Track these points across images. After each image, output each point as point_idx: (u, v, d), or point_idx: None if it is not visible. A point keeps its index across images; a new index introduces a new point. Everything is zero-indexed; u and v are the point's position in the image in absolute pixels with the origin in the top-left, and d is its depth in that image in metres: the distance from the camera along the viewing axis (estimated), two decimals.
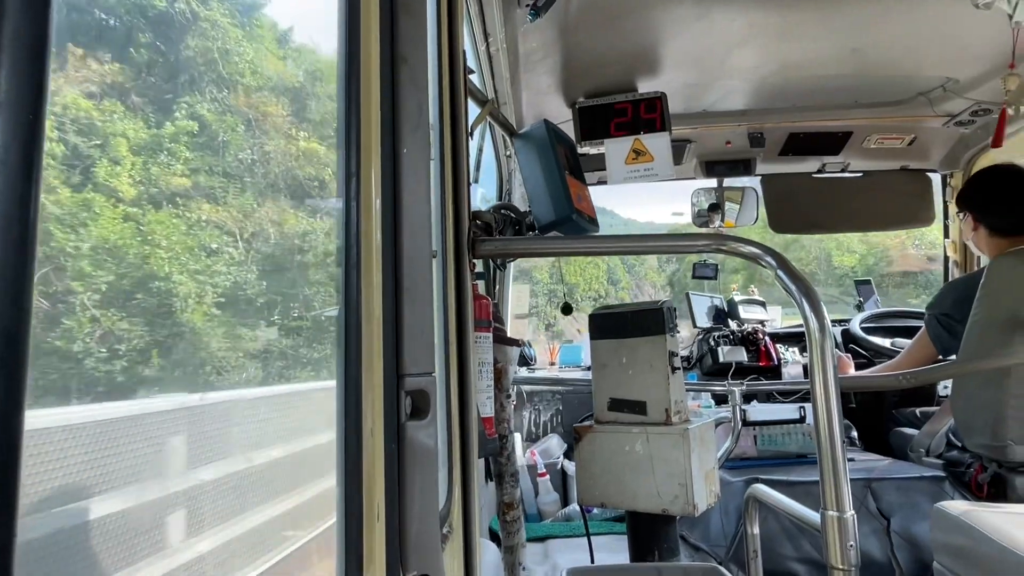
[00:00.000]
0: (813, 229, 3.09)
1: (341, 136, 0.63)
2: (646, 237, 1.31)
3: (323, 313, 1.01)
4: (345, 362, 0.60)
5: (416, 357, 0.67)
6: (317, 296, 1.09)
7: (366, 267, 0.61)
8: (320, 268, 1.13)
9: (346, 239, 0.61)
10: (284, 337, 1.02)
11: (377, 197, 0.64)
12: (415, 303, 0.68)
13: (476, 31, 1.57)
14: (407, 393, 0.66)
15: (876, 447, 2.40)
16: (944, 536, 1.55)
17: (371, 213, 0.63)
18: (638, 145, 1.94)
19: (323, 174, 1.14)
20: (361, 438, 0.59)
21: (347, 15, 0.63)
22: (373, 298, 0.62)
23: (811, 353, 1.01)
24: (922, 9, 1.64)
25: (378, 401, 0.62)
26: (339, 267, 0.62)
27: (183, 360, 0.82)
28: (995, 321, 1.83)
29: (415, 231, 0.69)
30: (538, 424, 3.01)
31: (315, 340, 1.07)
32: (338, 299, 0.62)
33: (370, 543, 0.58)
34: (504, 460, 1.31)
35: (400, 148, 0.69)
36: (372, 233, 0.62)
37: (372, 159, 0.64)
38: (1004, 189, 1.99)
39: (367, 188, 0.62)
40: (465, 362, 0.92)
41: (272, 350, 1.00)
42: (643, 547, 1.35)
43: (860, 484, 1.84)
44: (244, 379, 0.94)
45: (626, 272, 26.71)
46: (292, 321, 1.05)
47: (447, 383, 0.86)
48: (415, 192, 0.70)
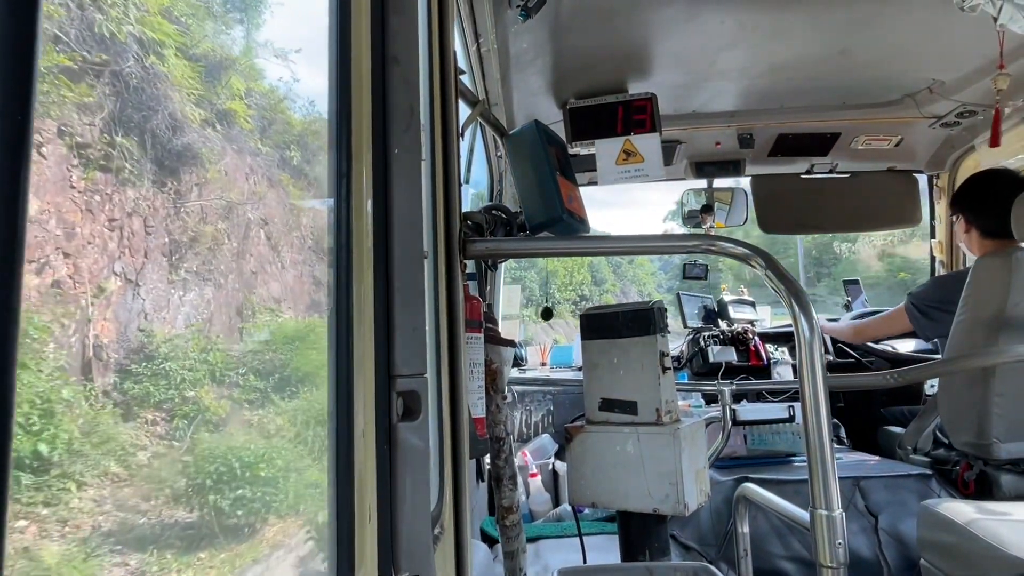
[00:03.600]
0: (802, 229, 3.12)
1: (332, 136, 0.63)
2: (636, 238, 1.32)
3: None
4: (336, 363, 0.59)
5: (407, 358, 0.67)
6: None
7: (357, 268, 0.61)
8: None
9: (337, 240, 0.61)
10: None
11: (368, 198, 0.64)
12: (406, 304, 0.68)
13: (467, 32, 1.57)
14: (398, 394, 0.66)
15: (864, 446, 2.42)
16: (931, 533, 1.57)
17: (362, 214, 0.62)
18: (628, 146, 1.94)
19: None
20: (352, 439, 0.58)
21: (338, 15, 0.63)
22: (364, 299, 0.62)
23: (800, 353, 1.02)
24: (909, 12, 1.66)
25: (369, 402, 0.62)
26: (330, 268, 0.61)
27: None
28: (980, 321, 1.85)
29: (406, 232, 0.69)
30: (529, 425, 3.01)
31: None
32: (329, 300, 0.61)
33: (361, 544, 0.58)
34: (502, 462, 1.29)
35: (391, 149, 0.69)
36: (363, 234, 0.62)
37: (363, 160, 0.63)
38: (996, 192, 2.02)
39: (358, 189, 0.62)
40: (456, 363, 0.92)
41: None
42: (634, 547, 1.36)
43: (848, 482, 1.86)
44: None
45: (611, 272, 26.72)
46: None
47: (438, 384, 0.86)
48: (406, 193, 0.70)
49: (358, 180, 0.62)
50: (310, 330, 3.63)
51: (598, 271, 25.67)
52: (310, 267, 3.99)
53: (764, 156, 2.66)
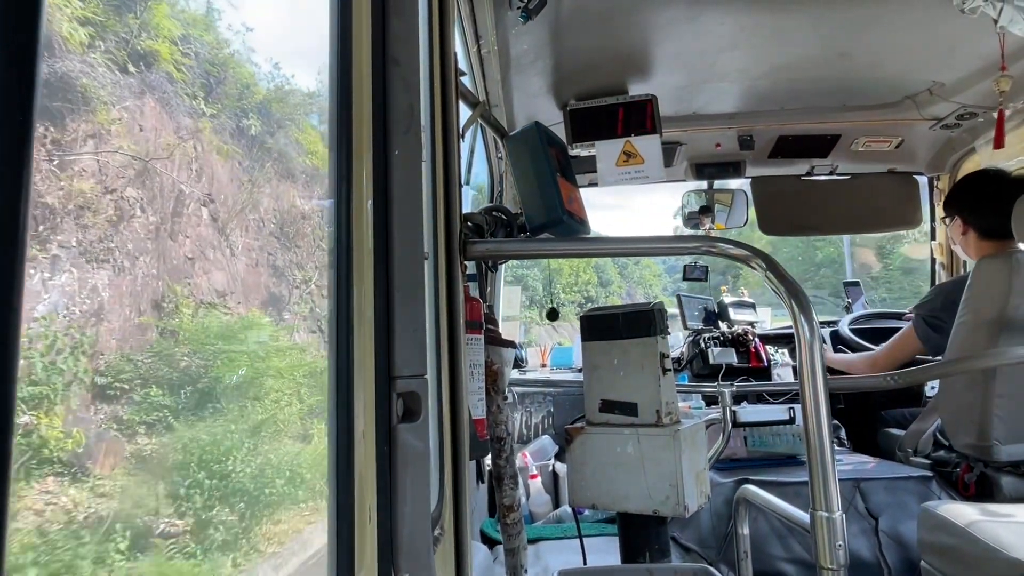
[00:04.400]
0: (802, 231, 3.12)
1: (332, 137, 0.63)
2: (636, 239, 1.32)
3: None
4: (336, 364, 0.59)
5: (408, 359, 0.67)
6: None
7: (357, 269, 0.61)
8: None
9: (337, 241, 0.61)
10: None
11: (368, 199, 0.64)
12: (407, 305, 0.68)
13: (467, 33, 1.57)
14: (399, 395, 0.66)
15: (864, 448, 2.42)
16: (931, 535, 1.56)
17: (362, 215, 0.62)
18: (629, 147, 1.95)
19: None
20: (353, 440, 0.58)
21: (338, 16, 0.63)
22: (365, 300, 0.62)
23: (800, 355, 1.02)
24: (909, 14, 1.66)
25: (370, 403, 0.62)
26: (331, 269, 0.61)
27: None
28: (980, 322, 1.85)
29: (406, 233, 0.69)
30: (529, 426, 3.01)
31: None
32: (330, 301, 0.61)
33: (361, 545, 0.58)
34: (503, 462, 1.30)
35: (391, 150, 0.69)
36: (363, 235, 0.62)
37: (363, 161, 0.63)
38: (993, 191, 2.01)
39: (358, 190, 0.62)
40: (457, 364, 0.92)
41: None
42: (634, 548, 1.36)
43: (849, 484, 1.85)
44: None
45: (617, 274, 26.59)
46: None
47: (438, 385, 0.86)
48: (406, 194, 0.70)
49: (358, 181, 0.62)
50: (253, 328, 3.29)
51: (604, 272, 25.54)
52: (271, 256, 3.67)
53: (764, 158, 2.66)
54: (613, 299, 24.57)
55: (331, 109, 0.63)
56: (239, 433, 2.78)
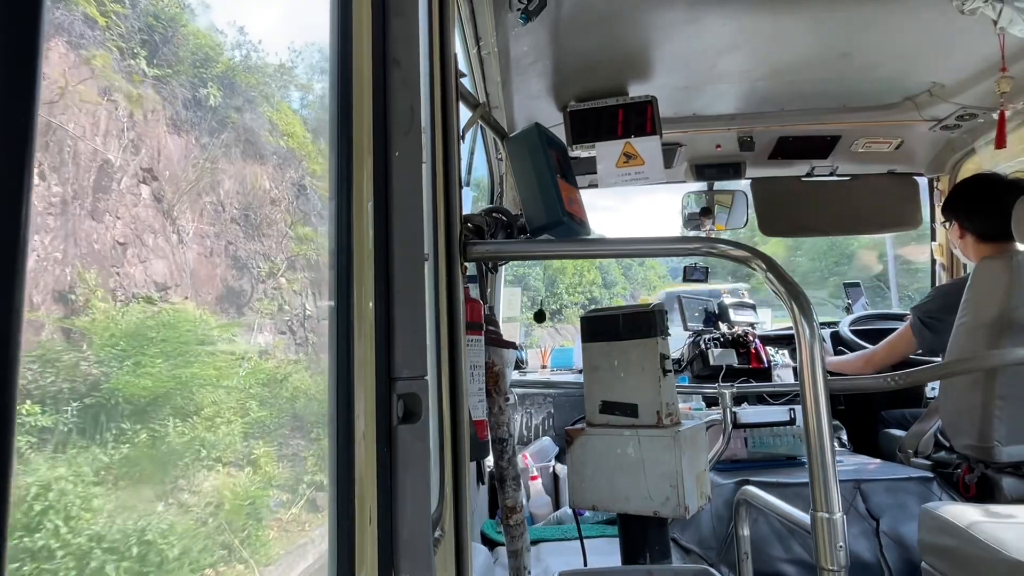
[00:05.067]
0: (802, 232, 3.12)
1: (333, 139, 0.63)
2: (637, 240, 1.32)
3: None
4: (337, 365, 0.59)
5: (408, 360, 0.67)
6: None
7: (358, 270, 0.61)
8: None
9: (338, 242, 0.61)
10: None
11: (369, 200, 0.64)
12: (407, 306, 0.68)
13: (468, 34, 1.57)
14: (399, 396, 0.66)
15: (865, 449, 2.42)
16: (931, 537, 1.56)
17: (363, 216, 0.62)
18: (629, 149, 1.95)
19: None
20: (353, 441, 0.58)
21: (339, 17, 0.63)
22: (365, 301, 0.62)
23: (800, 356, 1.02)
24: (909, 15, 1.66)
25: (370, 404, 0.62)
26: (331, 270, 0.62)
27: None
28: (981, 323, 1.85)
29: (407, 234, 0.69)
30: (530, 427, 3.01)
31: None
32: (330, 302, 0.61)
33: (362, 546, 0.58)
34: (505, 463, 1.30)
35: (392, 151, 0.69)
36: (364, 236, 0.62)
37: (364, 162, 0.64)
38: (988, 195, 2.03)
39: (359, 191, 0.62)
40: (457, 365, 0.92)
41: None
42: (635, 549, 1.35)
43: (849, 485, 1.85)
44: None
45: (622, 275, 26.41)
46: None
47: (439, 386, 0.86)
48: (407, 195, 0.70)
49: (359, 182, 0.62)
50: (198, 327, 2.70)
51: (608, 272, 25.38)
52: (231, 245, 3.14)
53: (764, 159, 2.66)
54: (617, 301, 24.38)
55: (331, 110, 0.63)
56: (134, 463, 2.06)
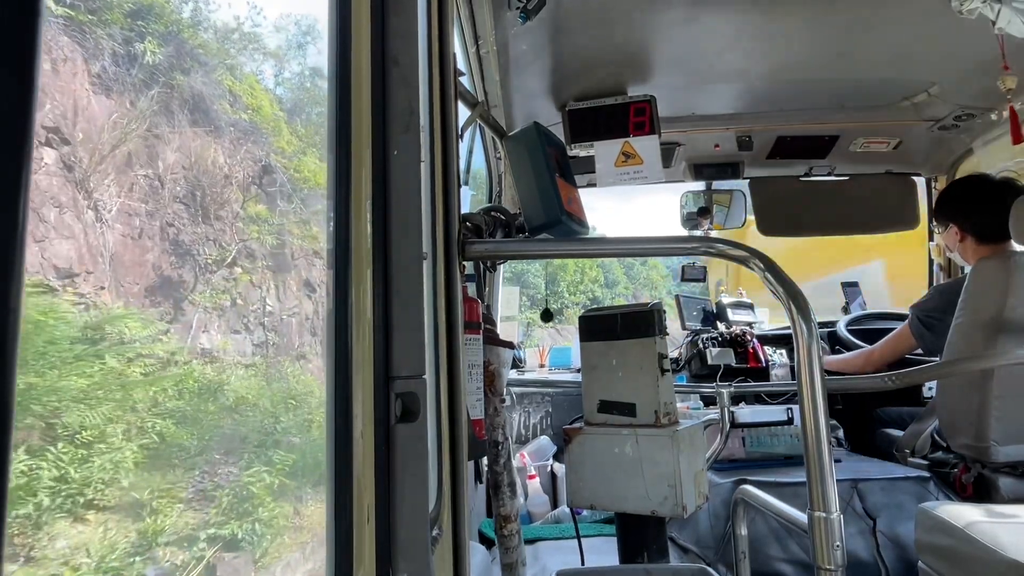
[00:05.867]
0: (800, 232, 3.12)
1: (331, 137, 0.63)
2: (635, 240, 1.32)
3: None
4: (335, 364, 0.59)
5: (406, 359, 0.67)
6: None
7: (356, 269, 0.61)
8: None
9: (336, 241, 0.61)
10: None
11: (367, 199, 0.64)
12: (405, 305, 0.68)
13: (466, 33, 1.57)
14: (397, 395, 0.66)
15: (862, 448, 2.42)
16: (928, 536, 1.57)
17: (361, 215, 0.62)
18: (627, 148, 1.95)
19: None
20: (351, 440, 0.58)
21: (338, 16, 0.63)
22: (363, 300, 0.62)
23: (798, 355, 1.02)
24: (907, 15, 1.66)
25: (368, 403, 0.62)
26: (329, 269, 0.61)
27: None
28: (978, 323, 1.85)
29: (405, 233, 0.69)
30: (528, 426, 3.01)
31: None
32: (328, 301, 0.61)
33: (360, 545, 0.58)
34: (500, 468, 1.25)
35: (390, 150, 0.69)
36: (362, 235, 0.62)
37: (362, 161, 0.63)
38: (986, 195, 2.03)
39: (357, 190, 0.62)
40: (455, 364, 0.92)
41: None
42: (632, 549, 1.36)
43: (847, 485, 1.86)
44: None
45: (624, 274, 26.27)
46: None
47: (437, 385, 0.86)
48: (405, 194, 0.70)
49: (357, 181, 0.62)
50: (106, 324, 2.15)
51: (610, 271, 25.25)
52: (172, 227, 2.57)
53: (763, 158, 2.66)
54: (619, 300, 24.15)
55: (330, 108, 0.63)
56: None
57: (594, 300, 22.96)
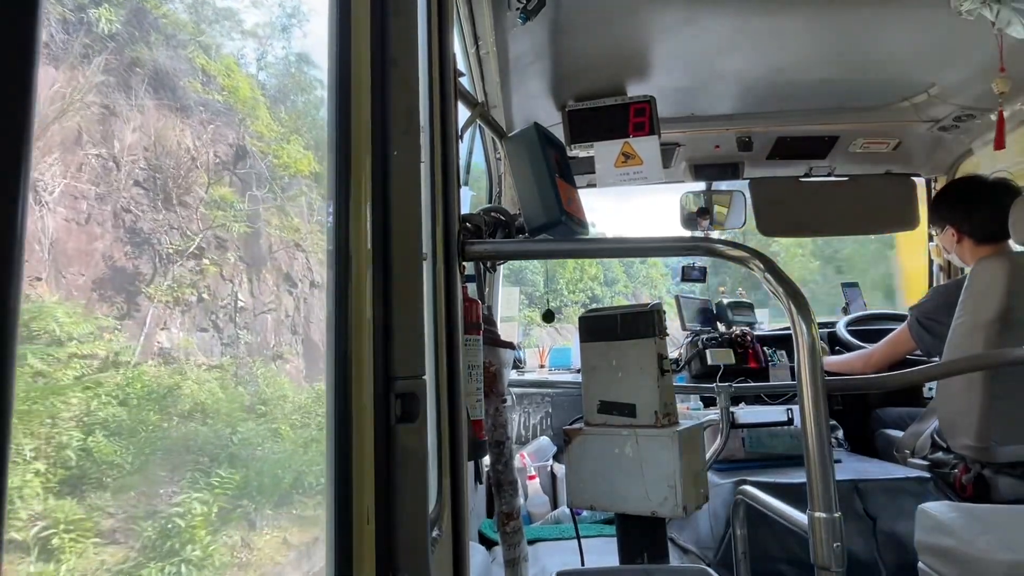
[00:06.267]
0: (800, 232, 3.12)
1: (331, 138, 0.63)
2: (635, 240, 1.32)
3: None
4: (335, 365, 0.59)
5: (406, 360, 0.67)
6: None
7: (356, 270, 0.61)
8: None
9: (336, 241, 0.61)
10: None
11: (367, 200, 0.64)
12: (405, 306, 0.68)
13: (466, 34, 1.57)
14: (397, 396, 0.66)
15: (862, 448, 2.42)
16: (928, 537, 1.57)
17: (361, 216, 0.62)
18: (627, 148, 1.95)
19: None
20: (351, 441, 0.58)
21: (337, 17, 0.63)
22: (363, 301, 0.62)
23: (798, 356, 1.02)
24: (907, 16, 1.66)
25: (368, 404, 0.62)
26: (329, 269, 0.61)
27: None
28: (978, 323, 1.85)
29: (405, 234, 0.69)
30: (527, 427, 3.01)
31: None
32: (328, 301, 0.61)
33: (359, 546, 0.58)
34: (502, 467, 1.27)
35: (390, 150, 0.69)
36: (362, 236, 0.62)
37: (362, 161, 0.63)
38: (983, 196, 2.03)
39: (357, 190, 0.62)
40: (455, 365, 0.92)
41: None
42: (632, 549, 1.35)
43: (847, 485, 1.86)
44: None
45: (623, 273, 26.13)
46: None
47: (437, 386, 0.86)
48: (405, 195, 0.70)
49: (357, 182, 0.62)
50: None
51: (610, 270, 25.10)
52: (128, 214, 2.28)
53: (763, 159, 2.66)
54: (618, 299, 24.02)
55: (330, 109, 0.63)
56: None
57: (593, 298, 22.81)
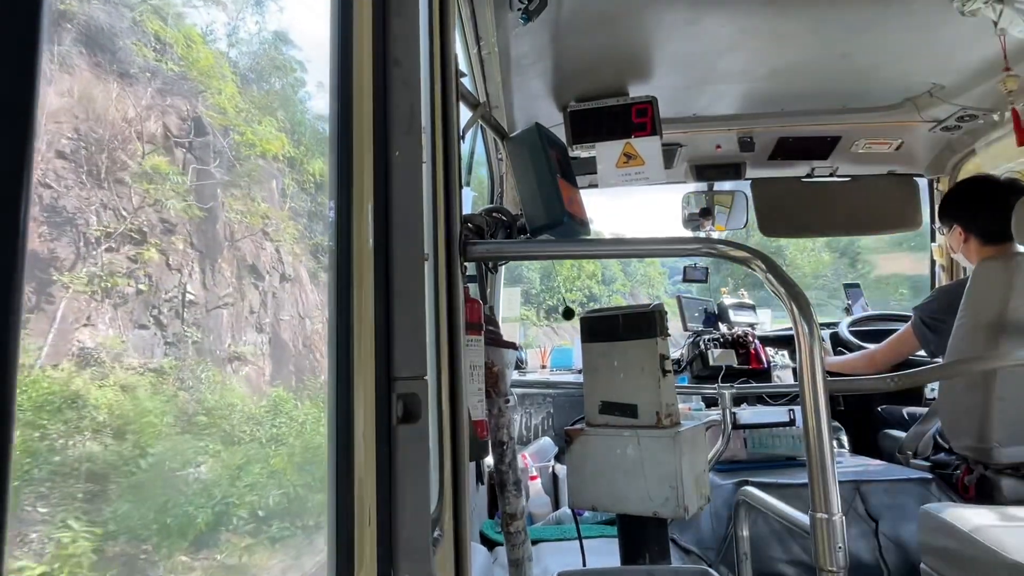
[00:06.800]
0: (802, 233, 3.12)
1: (333, 138, 0.63)
2: (636, 241, 1.32)
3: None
4: (337, 365, 0.59)
5: (407, 360, 0.67)
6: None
7: (357, 270, 0.61)
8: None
9: (337, 242, 0.61)
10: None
11: (368, 200, 0.64)
12: (406, 306, 0.68)
13: (468, 34, 1.57)
14: (398, 396, 0.66)
15: (864, 449, 2.42)
16: (930, 538, 1.56)
17: (362, 216, 0.62)
18: (629, 149, 1.95)
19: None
20: (353, 441, 0.58)
21: (339, 17, 0.63)
22: (365, 301, 0.62)
23: (800, 357, 1.02)
24: (909, 16, 1.66)
25: (370, 404, 0.62)
26: (331, 270, 0.61)
27: None
28: (980, 324, 1.85)
29: (407, 234, 0.69)
30: (529, 427, 3.01)
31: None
32: (330, 302, 0.61)
33: (361, 547, 0.58)
34: (505, 467, 1.27)
35: (392, 151, 0.69)
36: (364, 236, 0.62)
37: (364, 162, 0.63)
38: (990, 196, 2.03)
39: (359, 191, 0.62)
40: (456, 365, 0.92)
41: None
42: (634, 550, 1.35)
43: (849, 486, 1.85)
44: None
45: (621, 271, 26.06)
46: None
47: (438, 386, 0.86)
48: (407, 195, 0.70)
49: (359, 182, 0.62)
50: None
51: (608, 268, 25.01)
52: (47, 188, 2.04)
53: (764, 159, 2.66)
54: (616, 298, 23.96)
55: (332, 109, 0.63)
56: None
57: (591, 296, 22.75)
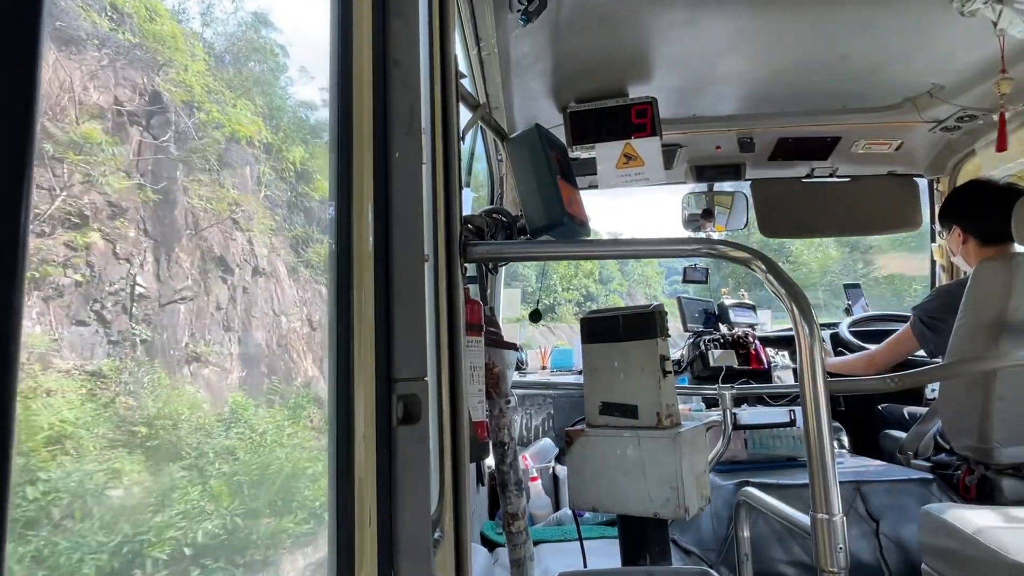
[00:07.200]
0: (802, 233, 3.12)
1: (333, 139, 0.63)
2: (637, 242, 1.32)
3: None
4: (337, 366, 0.59)
5: (408, 361, 0.67)
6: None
7: (357, 271, 0.61)
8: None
9: (337, 243, 0.61)
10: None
11: (369, 201, 0.64)
12: (407, 307, 0.68)
13: (468, 35, 1.57)
14: (399, 397, 0.66)
15: (865, 450, 2.42)
16: (931, 538, 1.56)
17: (362, 217, 0.62)
18: (629, 150, 1.95)
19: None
20: (353, 443, 0.58)
21: (339, 18, 0.63)
22: (364, 302, 0.62)
23: (800, 357, 1.02)
24: (909, 16, 1.66)
25: (370, 406, 0.62)
26: (331, 271, 0.61)
27: None
28: (980, 324, 1.85)
29: (407, 235, 0.69)
30: (529, 428, 3.01)
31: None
32: (330, 303, 0.61)
33: (361, 548, 0.58)
34: (506, 467, 1.28)
35: (392, 152, 0.69)
36: (363, 237, 0.62)
37: (364, 163, 0.63)
38: (989, 197, 2.04)
39: (359, 192, 0.62)
40: (457, 366, 0.92)
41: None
42: (634, 551, 1.35)
43: (849, 487, 1.85)
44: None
45: (618, 271, 26.06)
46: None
47: (439, 387, 0.86)
48: (407, 196, 0.70)
49: (359, 183, 0.62)
50: None
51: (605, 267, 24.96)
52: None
53: (764, 160, 2.66)
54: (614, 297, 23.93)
55: (331, 110, 0.63)
56: None
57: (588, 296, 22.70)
